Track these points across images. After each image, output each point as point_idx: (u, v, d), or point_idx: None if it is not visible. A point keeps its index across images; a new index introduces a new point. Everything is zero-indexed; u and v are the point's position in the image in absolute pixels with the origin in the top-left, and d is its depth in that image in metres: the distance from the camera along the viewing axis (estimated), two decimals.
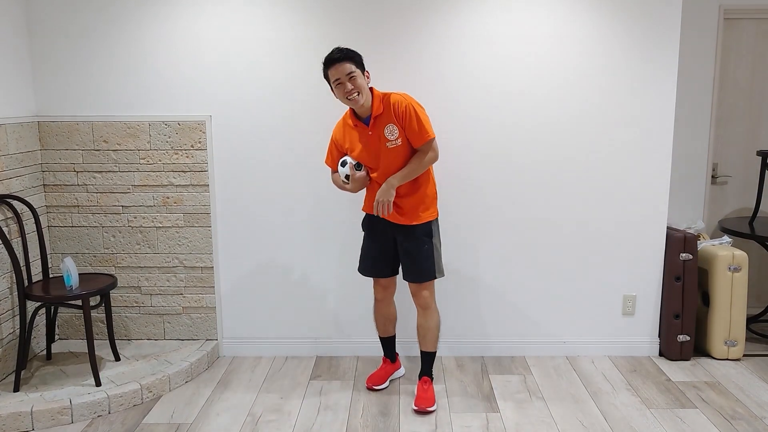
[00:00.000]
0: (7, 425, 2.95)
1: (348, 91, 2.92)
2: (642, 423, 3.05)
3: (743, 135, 4.33)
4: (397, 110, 2.98)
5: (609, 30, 3.55)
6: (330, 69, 2.95)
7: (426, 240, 3.14)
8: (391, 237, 3.20)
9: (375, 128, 3.03)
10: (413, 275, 3.16)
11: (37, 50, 3.60)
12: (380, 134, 3.01)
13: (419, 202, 3.12)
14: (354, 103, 2.95)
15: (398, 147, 3.01)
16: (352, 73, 2.92)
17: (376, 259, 3.27)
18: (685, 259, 3.69)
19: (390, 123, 2.99)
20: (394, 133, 3.00)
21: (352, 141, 3.12)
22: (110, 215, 3.72)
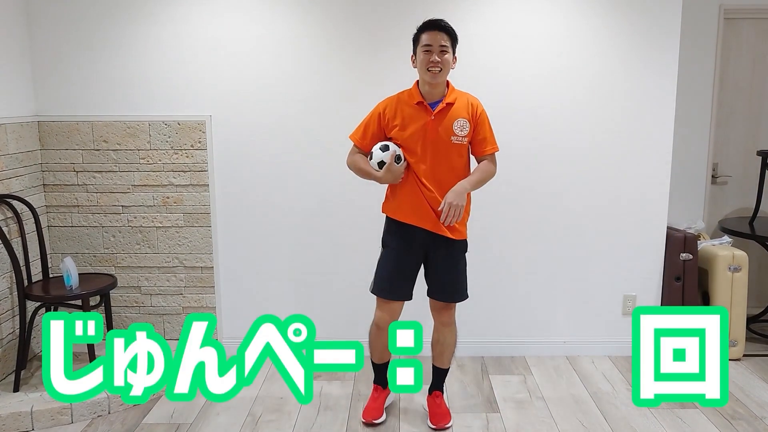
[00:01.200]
0: (7, 425, 2.95)
1: (433, 62, 2.69)
2: (642, 423, 3.05)
3: (743, 135, 4.33)
4: (476, 109, 2.82)
5: (609, 30, 3.55)
6: (426, 32, 2.73)
7: (462, 256, 2.93)
8: (423, 253, 2.89)
9: (441, 116, 2.77)
10: (448, 294, 2.91)
11: (37, 50, 3.60)
12: (446, 124, 2.76)
13: (464, 214, 2.88)
14: (432, 76, 2.71)
15: (462, 145, 2.79)
16: (445, 48, 2.72)
17: (402, 278, 2.90)
18: (685, 259, 3.68)
19: (463, 118, 2.78)
20: (464, 129, 2.78)
21: (405, 119, 2.80)
22: (110, 215, 3.72)
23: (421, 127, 2.76)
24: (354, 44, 3.56)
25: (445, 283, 2.90)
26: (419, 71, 2.77)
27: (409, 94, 2.83)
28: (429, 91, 2.78)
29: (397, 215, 2.86)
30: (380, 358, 3.09)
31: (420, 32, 2.76)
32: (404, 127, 2.79)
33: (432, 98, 2.78)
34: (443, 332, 2.99)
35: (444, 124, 2.76)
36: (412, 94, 2.82)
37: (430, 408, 3.07)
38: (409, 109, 2.80)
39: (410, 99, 2.80)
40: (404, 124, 2.79)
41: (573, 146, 3.65)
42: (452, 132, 2.76)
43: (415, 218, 2.81)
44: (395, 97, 2.87)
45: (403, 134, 2.78)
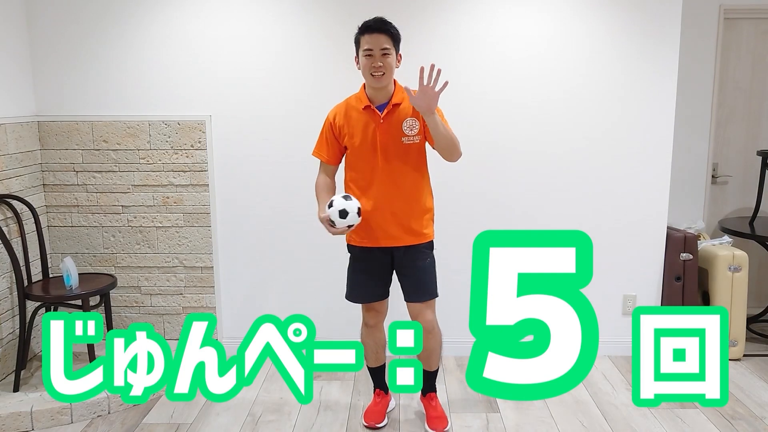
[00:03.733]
0: (6, 425, 2.95)
1: (376, 67, 2.62)
2: (642, 423, 3.05)
3: (743, 135, 4.33)
4: None
5: (609, 30, 3.55)
6: (365, 36, 2.64)
7: (428, 255, 2.86)
8: (389, 256, 2.86)
9: (390, 117, 2.71)
10: (418, 294, 2.85)
11: (37, 50, 3.60)
12: (395, 126, 2.70)
13: (425, 214, 2.82)
14: (376, 81, 2.65)
15: (415, 144, 2.72)
16: (387, 50, 2.62)
17: (372, 281, 2.89)
18: (686, 258, 3.68)
19: (411, 117, 2.70)
20: (414, 127, 2.70)
21: (354, 126, 2.74)
22: (110, 215, 3.71)
23: (370, 132, 2.71)
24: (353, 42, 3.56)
25: (412, 283, 2.85)
26: (363, 75, 2.70)
27: (357, 99, 2.77)
28: (375, 95, 2.71)
29: (354, 241, 2.87)
30: (375, 361, 3.04)
31: (360, 34, 2.67)
32: (353, 134, 2.75)
33: (379, 101, 2.72)
34: (427, 338, 2.84)
35: (393, 126, 2.70)
36: (359, 99, 2.76)
37: (427, 410, 3.04)
38: (357, 115, 2.75)
39: (358, 103, 2.75)
40: (352, 132, 2.75)
41: (573, 146, 3.65)
42: (402, 133, 2.70)
43: (371, 241, 2.81)
44: (344, 103, 2.82)
45: (353, 142, 2.74)
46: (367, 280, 2.88)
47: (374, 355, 3.02)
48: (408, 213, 2.77)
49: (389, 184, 2.74)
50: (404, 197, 2.75)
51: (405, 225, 2.78)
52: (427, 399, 3.05)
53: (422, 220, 2.81)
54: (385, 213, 2.76)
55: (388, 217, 2.76)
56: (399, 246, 2.80)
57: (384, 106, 2.71)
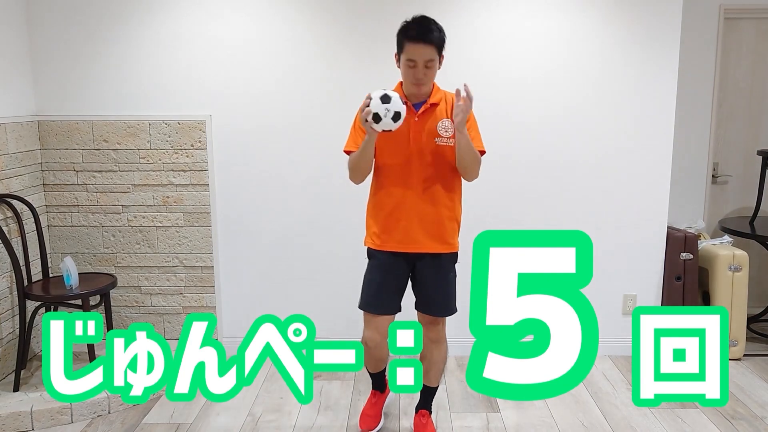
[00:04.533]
0: (6, 425, 2.95)
1: (419, 78, 2.50)
2: (642, 423, 3.05)
3: (743, 135, 4.33)
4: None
5: (609, 30, 3.55)
6: (409, 44, 2.46)
7: (451, 269, 2.73)
8: (410, 265, 2.71)
9: (425, 117, 2.59)
10: (436, 308, 2.72)
11: (37, 50, 3.59)
12: (430, 126, 2.58)
13: (453, 223, 2.67)
14: (417, 89, 2.54)
15: (448, 147, 2.59)
16: (432, 62, 2.48)
17: (390, 291, 2.71)
18: (686, 258, 3.68)
19: (447, 119, 2.59)
20: (449, 130, 2.58)
21: None
22: (110, 215, 3.71)
23: (405, 129, 2.54)
24: (355, 43, 3.56)
25: (432, 296, 2.72)
26: (402, 76, 2.60)
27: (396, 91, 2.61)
28: (413, 93, 2.60)
29: (379, 245, 2.67)
30: (375, 368, 2.91)
31: (403, 39, 2.48)
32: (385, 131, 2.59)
33: (416, 99, 2.60)
34: (430, 348, 2.77)
35: (428, 125, 2.59)
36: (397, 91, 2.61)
37: (415, 428, 2.90)
38: None
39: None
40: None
41: (573, 146, 3.65)
42: (437, 133, 2.58)
43: (400, 245, 2.64)
44: None
45: (384, 140, 2.59)
46: (387, 289, 2.70)
47: (374, 365, 2.88)
48: (435, 217, 2.62)
49: (418, 185, 2.60)
50: (432, 200, 2.61)
51: (430, 230, 2.63)
52: (418, 416, 2.92)
53: (449, 227, 2.66)
54: (410, 214, 2.61)
55: (414, 219, 2.61)
56: (421, 252, 2.65)
57: (420, 105, 2.59)
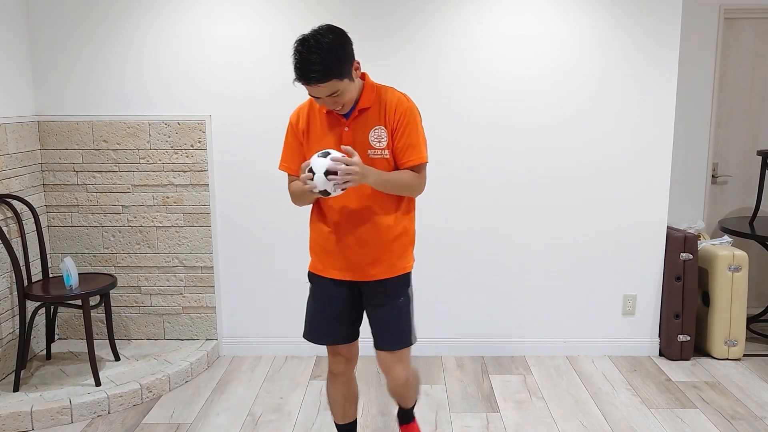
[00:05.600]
0: (6, 425, 2.95)
1: (333, 108, 2.18)
2: (642, 423, 3.05)
3: (743, 135, 4.33)
4: (395, 111, 2.22)
5: (609, 30, 3.55)
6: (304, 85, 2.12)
7: (402, 294, 2.35)
8: (354, 290, 2.37)
9: (355, 125, 2.23)
10: (387, 340, 2.35)
11: (37, 50, 3.60)
12: (361, 136, 2.23)
13: (399, 242, 2.32)
14: (338, 112, 2.22)
15: (383, 160, 2.23)
16: (336, 93, 2.10)
17: (334, 320, 2.38)
18: (686, 258, 3.68)
19: (379, 125, 2.22)
20: (382, 139, 2.22)
21: (315, 132, 2.28)
22: (110, 215, 3.71)
23: (335, 141, 2.23)
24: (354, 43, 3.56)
25: (382, 327, 2.35)
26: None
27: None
28: None
29: (316, 269, 2.37)
30: (343, 416, 2.57)
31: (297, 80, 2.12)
32: (313, 141, 2.27)
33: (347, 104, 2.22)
34: (397, 387, 2.46)
35: (359, 136, 2.22)
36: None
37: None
38: (320, 119, 2.27)
39: (322, 106, 2.24)
40: (313, 138, 2.28)
41: (573, 146, 3.65)
42: (368, 144, 2.22)
43: (340, 273, 2.31)
44: (307, 103, 2.32)
45: (312, 152, 2.20)
46: (330, 317, 2.38)
47: (341, 410, 2.55)
48: (376, 239, 2.28)
49: (355, 204, 2.25)
50: (372, 220, 2.26)
51: (372, 254, 2.29)
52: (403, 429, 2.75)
53: (394, 247, 2.31)
54: (348, 238, 2.28)
55: (352, 243, 2.28)
56: (365, 280, 2.32)
57: (351, 111, 2.23)
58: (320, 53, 2.04)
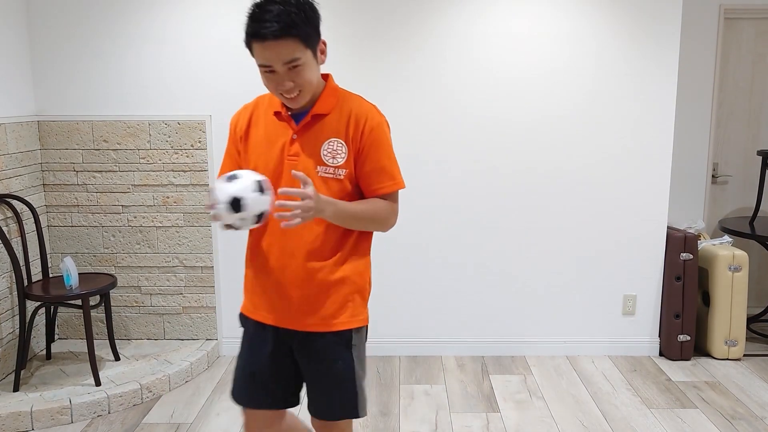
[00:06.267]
0: (6, 425, 2.95)
1: (287, 89, 1.72)
2: (642, 423, 3.05)
3: (743, 135, 4.33)
4: (363, 125, 1.78)
5: (609, 29, 3.55)
6: (257, 43, 1.69)
7: (341, 353, 1.86)
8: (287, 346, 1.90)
9: (306, 134, 1.79)
10: (320, 409, 1.91)
11: (37, 50, 3.59)
12: (312, 149, 1.77)
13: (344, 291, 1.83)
14: (291, 102, 1.76)
15: (335, 182, 1.77)
16: (295, 61, 1.68)
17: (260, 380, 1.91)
18: (686, 258, 3.68)
19: (336, 138, 1.78)
20: (338, 155, 1.77)
21: (255, 138, 1.85)
22: (110, 215, 3.71)
23: (278, 151, 1.79)
24: (354, 42, 3.56)
25: (315, 391, 1.91)
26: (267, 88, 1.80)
27: (270, 99, 1.87)
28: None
29: (247, 310, 1.97)
30: None
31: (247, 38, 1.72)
32: (253, 148, 1.84)
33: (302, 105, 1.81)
34: None
35: (309, 148, 1.78)
36: (272, 100, 1.86)
37: None
38: (264, 123, 1.85)
39: (269, 106, 1.86)
40: (255, 143, 1.84)
41: (573, 146, 3.65)
42: (320, 160, 1.77)
43: (268, 316, 1.88)
44: (254, 102, 1.93)
45: (250, 159, 1.84)
46: (247, 371, 1.93)
47: None
48: (306, 283, 1.81)
49: (294, 234, 1.79)
50: (301, 260, 1.79)
51: (307, 300, 1.82)
52: None
53: (337, 297, 1.82)
54: (280, 275, 1.82)
55: (285, 283, 1.82)
56: (295, 330, 1.85)
57: (301, 117, 1.80)
58: (283, 4, 1.65)
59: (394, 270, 3.74)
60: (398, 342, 3.79)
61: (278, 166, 1.79)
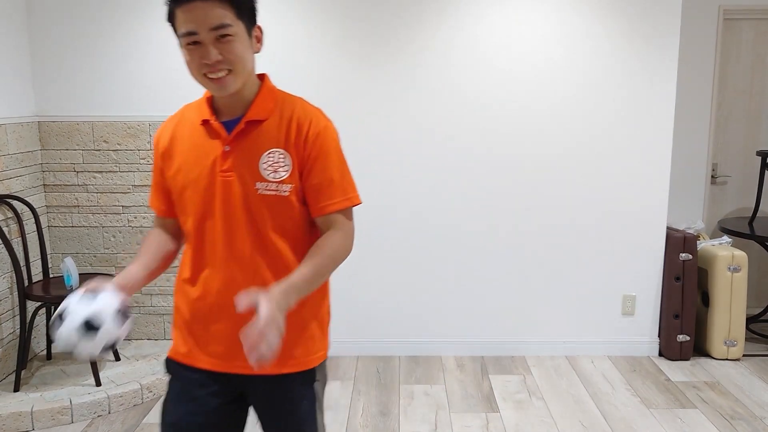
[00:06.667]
0: (7, 425, 2.95)
1: (211, 63, 1.45)
2: (642, 423, 3.06)
3: (743, 135, 4.34)
4: (307, 131, 1.52)
5: (609, 30, 3.55)
6: (180, 9, 1.49)
7: (305, 392, 1.62)
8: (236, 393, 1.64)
9: (241, 144, 1.51)
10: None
11: (37, 50, 3.60)
12: (248, 161, 1.50)
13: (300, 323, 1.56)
14: (218, 86, 1.48)
15: (280, 200, 1.50)
16: (225, 28, 1.43)
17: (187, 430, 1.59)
18: (685, 259, 3.69)
19: (278, 148, 1.50)
20: (280, 168, 1.49)
21: (180, 153, 1.57)
22: (110, 215, 3.72)
23: (209, 166, 1.51)
24: (356, 44, 3.57)
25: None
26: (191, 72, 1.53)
27: (198, 107, 1.61)
28: (224, 102, 1.56)
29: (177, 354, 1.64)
30: None
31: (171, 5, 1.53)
32: (181, 166, 1.55)
33: (231, 112, 1.56)
34: None
35: (245, 160, 1.50)
36: (200, 106, 1.60)
37: None
38: (190, 135, 1.57)
39: (197, 114, 1.60)
40: (182, 160, 1.55)
41: (573, 147, 3.65)
42: (258, 175, 1.49)
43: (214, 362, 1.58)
44: (179, 112, 1.67)
45: (178, 180, 1.55)
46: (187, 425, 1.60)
47: None
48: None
49: (235, 263, 1.52)
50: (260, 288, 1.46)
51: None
52: None
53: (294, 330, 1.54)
54: (223, 311, 1.54)
55: (228, 319, 1.54)
56: (249, 375, 1.56)
57: (234, 124, 1.53)
58: None
59: (394, 270, 3.75)
60: (398, 342, 3.79)
61: (210, 185, 1.51)
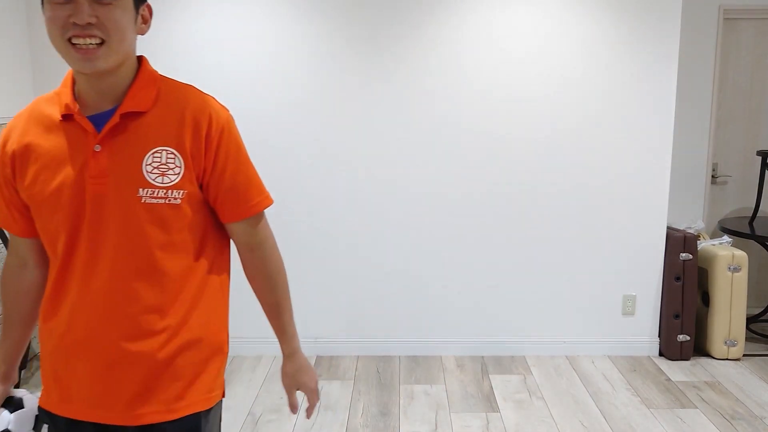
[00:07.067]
0: None
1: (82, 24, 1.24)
2: (642, 423, 3.06)
3: (743, 135, 4.34)
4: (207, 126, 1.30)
5: (609, 30, 3.55)
6: None
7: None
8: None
9: (116, 143, 1.25)
10: None
11: (37, 50, 3.60)
12: (127, 164, 1.25)
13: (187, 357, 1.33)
14: (86, 62, 1.26)
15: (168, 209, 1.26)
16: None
17: None
18: (685, 258, 3.69)
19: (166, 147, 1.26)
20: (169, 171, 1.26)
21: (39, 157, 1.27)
22: None
23: (76, 172, 1.24)
24: (355, 44, 3.57)
25: None
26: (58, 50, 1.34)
27: (57, 98, 1.32)
28: (91, 89, 1.29)
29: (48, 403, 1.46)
30: None
31: None
32: (38, 175, 1.26)
33: (101, 104, 1.28)
34: None
35: (125, 161, 1.25)
36: (58, 97, 1.32)
37: None
38: (48, 133, 1.28)
39: (53, 107, 1.31)
40: (38, 168, 1.26)
41: (573, 146, 3.65)
42: (142, 179, 1.25)
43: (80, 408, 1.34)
44: (29, 107, 1.35)
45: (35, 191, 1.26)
46: None
47: None
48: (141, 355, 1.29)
49: (104, 286, 1.27)
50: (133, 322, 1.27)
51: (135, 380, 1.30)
52: None
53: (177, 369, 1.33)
54: (93, 346, 1.29)
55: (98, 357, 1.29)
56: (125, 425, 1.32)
57: (106, 117, 1.26)
58: None
59: (393, 270, 3.75)
60: (398, 342, 3.79)
61: (76, 196, 1.23)
